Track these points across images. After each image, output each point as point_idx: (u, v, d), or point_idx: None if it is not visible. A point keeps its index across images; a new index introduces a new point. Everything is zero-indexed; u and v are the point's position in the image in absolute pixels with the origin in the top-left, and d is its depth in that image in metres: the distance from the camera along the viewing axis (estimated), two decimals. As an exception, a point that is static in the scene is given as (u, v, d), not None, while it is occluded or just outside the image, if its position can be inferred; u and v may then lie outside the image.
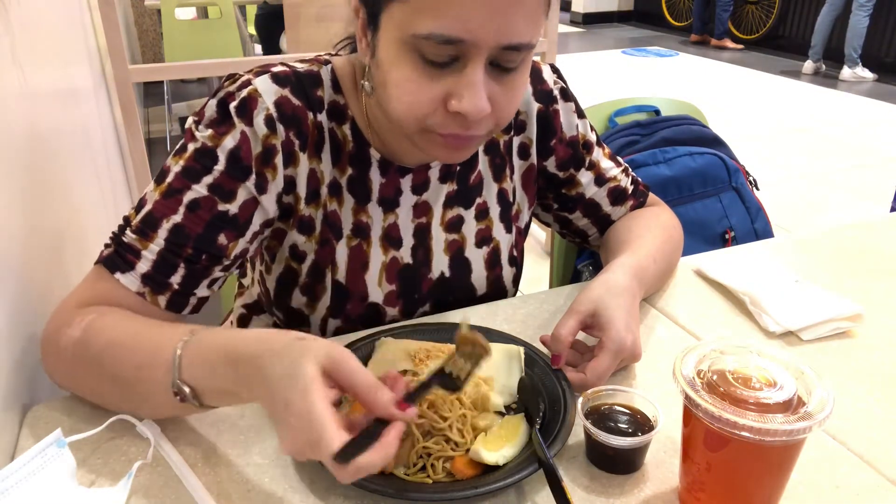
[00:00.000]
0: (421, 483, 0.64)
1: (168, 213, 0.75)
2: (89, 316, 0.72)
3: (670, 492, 0.64)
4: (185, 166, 0.76)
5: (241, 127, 0.76)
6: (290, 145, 0.79)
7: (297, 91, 0.80)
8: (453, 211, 0.91)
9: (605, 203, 1.00)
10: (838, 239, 1.15)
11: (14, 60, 1.02)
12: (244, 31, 4.67)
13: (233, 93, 0.77)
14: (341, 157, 0.84)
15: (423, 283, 0.91)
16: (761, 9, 7.22)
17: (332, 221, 0.85)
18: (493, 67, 0.69)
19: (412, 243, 0.89)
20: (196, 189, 0.75)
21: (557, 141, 0.95)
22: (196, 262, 0.76)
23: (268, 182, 0.79)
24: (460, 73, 0.67)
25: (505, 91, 0.70)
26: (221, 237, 0.77)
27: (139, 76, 1.93)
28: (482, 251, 0.94)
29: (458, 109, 0.68)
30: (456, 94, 0.68)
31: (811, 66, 6.09)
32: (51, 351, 0.74)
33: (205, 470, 0.66)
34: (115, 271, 0.75)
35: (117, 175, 2.24)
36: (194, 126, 0.78)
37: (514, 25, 0.65)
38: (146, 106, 4.78)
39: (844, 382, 0.79)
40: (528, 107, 0.93)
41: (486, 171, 0.93)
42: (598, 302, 0.78)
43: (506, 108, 0.72)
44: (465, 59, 0.67)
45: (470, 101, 0.67)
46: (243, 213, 0.78)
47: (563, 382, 0.74)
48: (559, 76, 0.96)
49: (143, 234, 0.75)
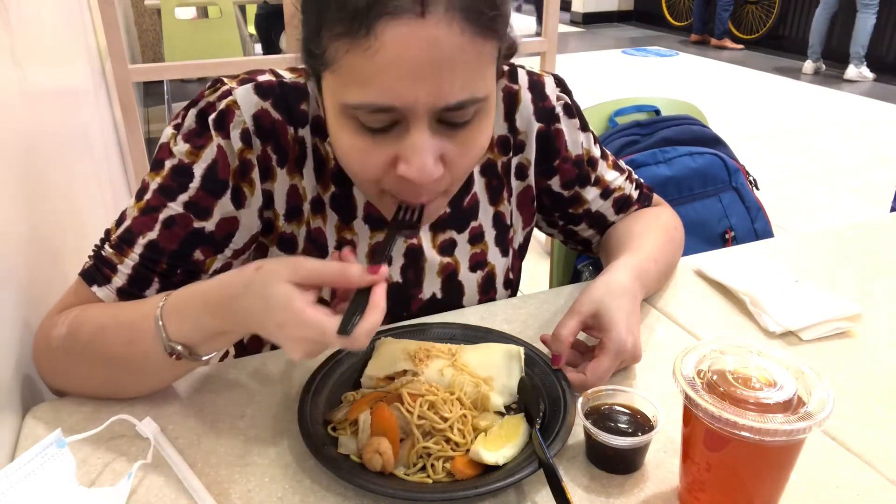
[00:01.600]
0: (421, 483, 0.64)
1: (144, 230, 0.75)
2: (73, 312, 0.74)
3: (670, 492, 0.64)
4: (162, 184, 0.76)
5: (217, 140, 0.75)
6: (266, 160, 0.78)
7: (279, 104, 0.77)
8: (445, 234, 0.89)
9: (610, 214, 0.99)
10: (838, 239, 1.15)
11: (14, 60, 1.02)
12: (244, 30, 4.67)
13: (213, 103, 0.76)
14: (324, 173, 0.82)
15: (412, 303, 0.90)
16: (761, 9, 7.22)
17: (316, 239, 0.84)
18: (442, 125, 0.65)
19: (402, 262, 0.88)
20: (172, 207, 0.75)
21: (561, 161, 0.92)
22: (171, 276, 0.77)
23: (246, 197, 0.78)
24: (404, 136, 0.64)
25: (458, 148, 0.67)
26: (197, 253, 0.77)
27: (139, 76, 1.93)
28: (476, 275, 0.92)
29: (405, 174, 0.65)
30: (402, 158, 0.65)
31: (811, 66, 6.09)
32: (42, 355, 0.76)
33: (205, 470, 0.66)
34: (92, 284, 0.76)
35: (117, 175, 2.24)
36: (172, 139, 0.76)
37: (449, 86, 0.61)
38: (146, 106, 4.77)
39: (844, 382, 0.79)
40: (528, 126, 0.90)
41: (482, 194, 0.91)
42: (600, 303, 0.78)
43: (461, 165, 0.69)
44: (405, 123, 0.63)
45: (416, 167, 0.64)
46: (220, 230, 0.78)
47: (563, 382, 0.74)
48: (563, 89, 0.92)
49: (119, 249, 0.76)
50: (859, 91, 5.58)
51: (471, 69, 0.63)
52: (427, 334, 0.83)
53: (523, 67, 0.92)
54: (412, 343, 0.79)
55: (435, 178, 0.66)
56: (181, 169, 0.75)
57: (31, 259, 0.90)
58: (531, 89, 0.89)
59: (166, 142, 0.77)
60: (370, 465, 0.64)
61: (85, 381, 0.74)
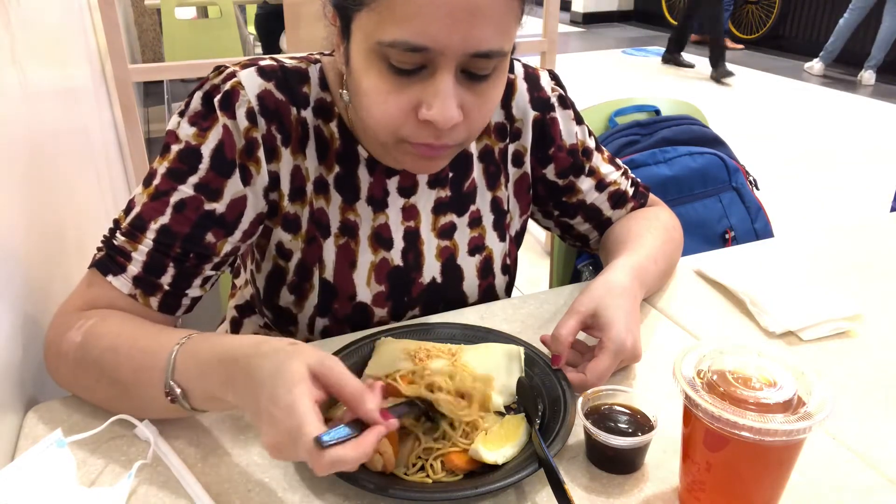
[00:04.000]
0: (421, 483, 0.64)
1: (155, 215, 0.75)
2: (90, 321, 0.72)
3: (670, 492, 0.64)
4: (170, 168, 0.76)
5: (223, 120, 0.76)
6: (271, 139, 0.79)
7: (282, 86, 0.79)
8: (446, 217, 0.91)
9: (605, 208, 1.00)
10: (838, 239, 1.15)
11: (14, 60, 1.02)
12: (244, 30, 4.67)
13: (217, 85, 0.77)
14: (328, 154, 0.83)
15: (413, 287, 0.91)
16: (761, 9, 7.22)
17: (318, 219, 0.85)
18: (465, 75, 0.68)
19: (402, 246, 0.89)
20: (182, 189, 0.76)
21: (556, 149, 0.94)
22: (185, 261, 0.77)
23: (252, 175, 0.79)
24: (429, 81, 0.67)
25: (477, 100, 0.70)
26: (209, 236, 0.77)
27: (139, 76, 1.93)
28: (475, 259, 0.93)
29: (428, 118, 0.67)
30: (425, 102, 0.67)
31: (820, 68, 6.04)
32: (53, 355, 0.75)
33: (205, 470, 0.66)
34: (107, 274, 0.76)
35: (117, 175, 2.24)
36: (177, 124, 0.78)
37: (481, 33, 0.65)
38: (146, 106, 4.77)
39: (844, 382, 0.79)
40: (524, 115, 0.92)
41: (480, 179, 0.92)
42: (599, 302, 0.78)
43: (478, 118, 0.71)
44: (433, 67, 0.66)
45: (439, 110, 0.66)
46: (231, 212, 0.78)
47: (563, 382, 0.74)
48: (557, 83, 0.95)
49: (132, 236, 0.75)
50: (859, 91, 5.57)
51: (502, 21, 0.66)
52: (427, 334, 0.83)
53: (519, 60, 0.94)
54: (412, 343, 0.79)
55: (456, 122, 0.68)
56: (189, 151, 0.76)
57: (31, 259, 0.90)
58: (526, 80, 0.92)
59: (172, 128, 0.78)
60: (371, 466, 0.64)
61: (87, 391, 0.74)
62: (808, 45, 6.17)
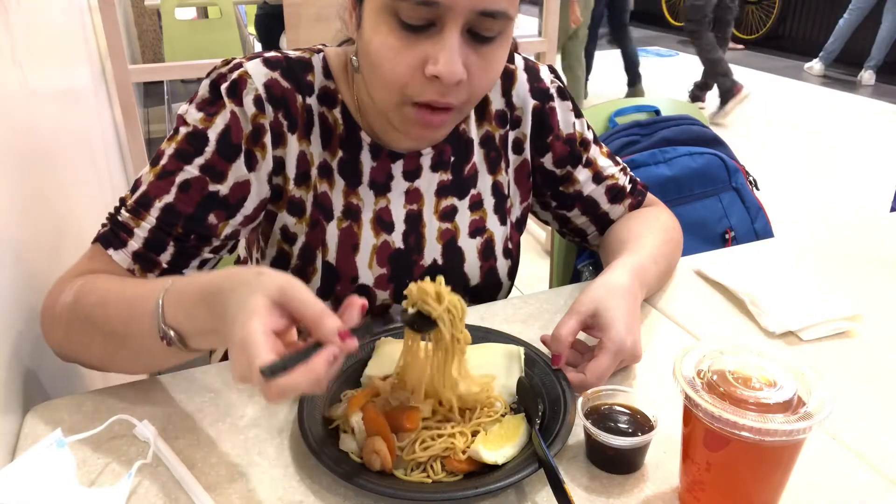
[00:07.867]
0: (420, 483, 0.64)
1: (161, 194, 0.78)
2: (80, 281, 0.75)
3: (670, 492, 0.64)
4: (178, 149, 0.79)
5: (230, 107, 0.79)
6: (278, 126, 0.82)
7: (287, 74, 0.82)
8: (447, 200, 0.92)
9: (602, 201, 1.00)
10: (838, 239, 1.15)
11: (14, 60, 1.02)
12: (244, 31, 4.67)
13: (224, 74, 0.80)
14: (332, 140, 0.86)
15: (414, 269, 0.92)
16: (761, 9, 7.22)
17: (322, 203, 0.86)
18: (471, 36, 0.71)
19: (404, 229, 0.90)
20: (188, 170, 0.78)
21: (554, 138, 0.96)
22: (185, 241, 0.79)
23: (257, 161, 0.81)
24: (437, 37, 0.69)
25: (481, 62, 0.72)
26: (211, 217, 0.79)
27: (139, 76, 1.93)
28: (475, 241, 0.94)
29: (434, 73, 0.69)
30: (432, 58, 0.70)
31: (820, 68, 6.04)
32: (48, 318, 0.77)
33: (204, 470, 0.66)
34: (108, 247, 0.78)
35: (117, 175, 2.24)
36: (186, 110, 0.81)
37: None
38: (146, 106, 4.77)
39: (844, 382, 0.79)
40: (524, 103, 0.94)
41: (480, 164, 0.94)
42: (599, 302, 0.78)
43: (481, 80, 0.74)
44: (441, 23, 0.69)
45: (445, 64, 0.69)
46: (234, 195, 0.80)
47: (563, 382, 0.74)
48: (556, 76, 0.98)
49: (136, 213, 0.78)
50: (859, 91, 5.57)
51: None
52: (427, 334, 0.82)
53: (519, 53, 0.96)
54: (412, 343, 0.79)
55: (460, 79, 0.70)
56: (196, 134, 0.79)
57: (31, 259, 0.90)
58: (527, 71, 0.95)
59: (182, 113, 0.81)
60: (370, 466, 0.64)
61: (83, 350, 0.76)
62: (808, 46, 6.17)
